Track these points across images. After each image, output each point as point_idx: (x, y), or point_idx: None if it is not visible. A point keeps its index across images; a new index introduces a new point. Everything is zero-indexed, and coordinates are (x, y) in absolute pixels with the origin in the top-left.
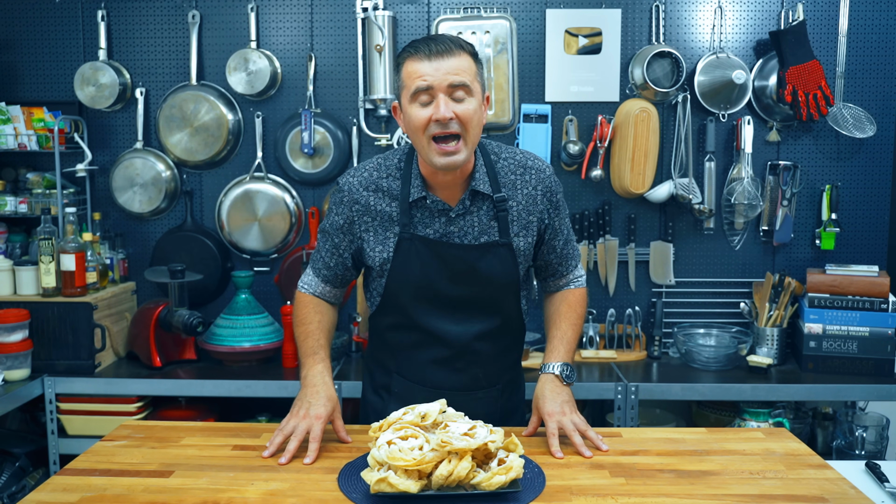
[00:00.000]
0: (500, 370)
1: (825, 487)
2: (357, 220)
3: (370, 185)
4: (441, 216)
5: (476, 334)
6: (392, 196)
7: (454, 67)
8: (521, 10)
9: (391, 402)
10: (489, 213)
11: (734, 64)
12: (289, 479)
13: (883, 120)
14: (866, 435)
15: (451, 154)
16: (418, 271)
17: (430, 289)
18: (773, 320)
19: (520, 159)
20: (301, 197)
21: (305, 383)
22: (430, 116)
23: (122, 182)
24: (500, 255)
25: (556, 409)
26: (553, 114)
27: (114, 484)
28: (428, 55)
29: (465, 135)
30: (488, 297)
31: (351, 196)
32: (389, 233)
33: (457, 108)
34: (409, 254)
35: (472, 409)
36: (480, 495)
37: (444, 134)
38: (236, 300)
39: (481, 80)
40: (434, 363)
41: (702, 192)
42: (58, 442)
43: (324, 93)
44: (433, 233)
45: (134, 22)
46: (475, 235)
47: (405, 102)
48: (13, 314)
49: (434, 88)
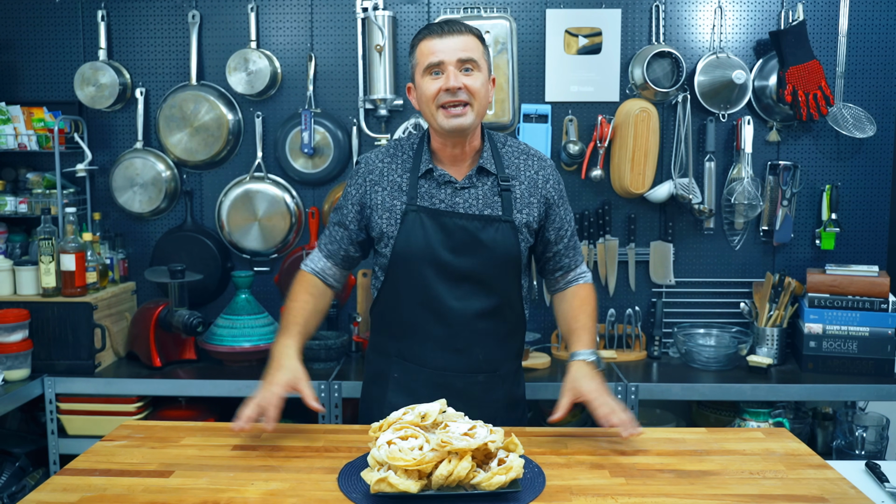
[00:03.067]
0: (500, 356)
1: (825, 487)
2: (369, 189)
3: (386, 157)
4: (447, 187)
5: (477, 311)
6: (404, 169)
7: (463, 44)
8: (521, 10)
9: (390, 391)
10: (493, 190)
11: (734, 64)
12: (289, 479)
13: (883, 120)
14: (866, 435)
15: (459, 116)
16: (422, 242)
17: (432, 260)
18: (773, 320)
19: (524, 148)
20: (301, 197)
21: (272, 357)
22: (441, 87)
23: (122, 182)
24: (502, 230)
25: (595, 387)
26: (553, 114)
27: (114, 484)
28: (440, 34)
29: (473, 103)
30: (490, 272)
31: (367, 167)
32: (397, 201)
33: (465, 80)
34: (413, 224)
35: (472, 393)
36: (480, 495)
37: (453, 102)
38: (236, 300)
39: (488, 60)
40: (435, 343)
41: (702, 192)
42: (58, 442)
43: (324, 93)
44: (438, 202)
45: (134, 22)
46: (479, 207)
47: (418, 78)
48: (13, 314)
49: (445, 63)
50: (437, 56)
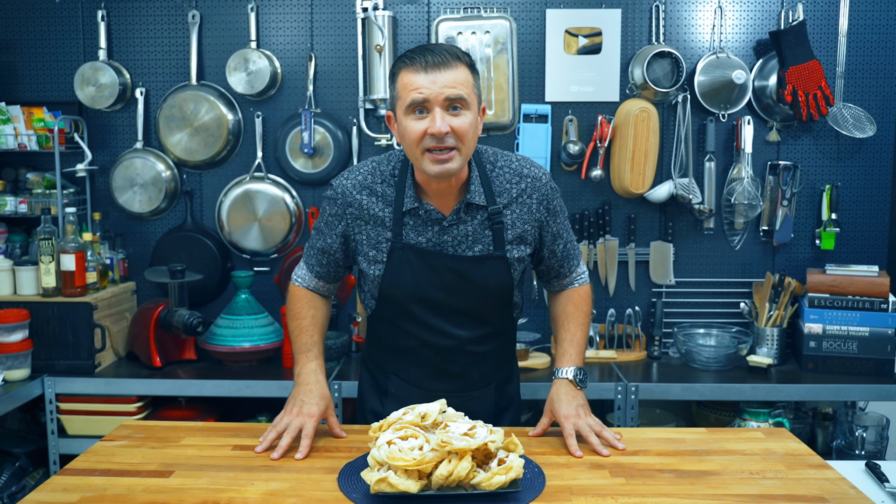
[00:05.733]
0: (493, 369)
1: (825, 487)
2: (351, 223)
3: (364, 188)
4: (434, 225)
5: (469, 340)
6: (386, 202)
7: (451, 80)
8: (521, 10)
9: (388, 403)
10: (483, 224)
11: (734, 64)
12: (289, 479)
13: (883, 120)
14: (866, 435)
15: (445, 162)
16: (410, 280)
17: (422, 297)
18: (773, 320)
19: (515, 167)
20: (301, 197)
21: (299, 381)
22: (426, 129)
23: (122, 182)
24: (494, 267)
25: (571, 412)
26: (553, 114)
27: (114, 484)
28: (424, 67)
29: (461, 147)
30: (481, 307)
31: (345, 199)
32: (382, 237)
33: (453, 122)
34: (401, 262)
35: (468, 408)
36: (480, 495)
37: (439, 147)
38: (236, 300)
39: (478, 91)
40: (428, 368)
41: (702, 192)
42: (58, 442)
43: (324, 93)
44: (426, 241)
45: (134, 22)
46: (469, 245)
47: (400, 114)
48: (13, 314)
49: (430, 102)
50: (422, 93)
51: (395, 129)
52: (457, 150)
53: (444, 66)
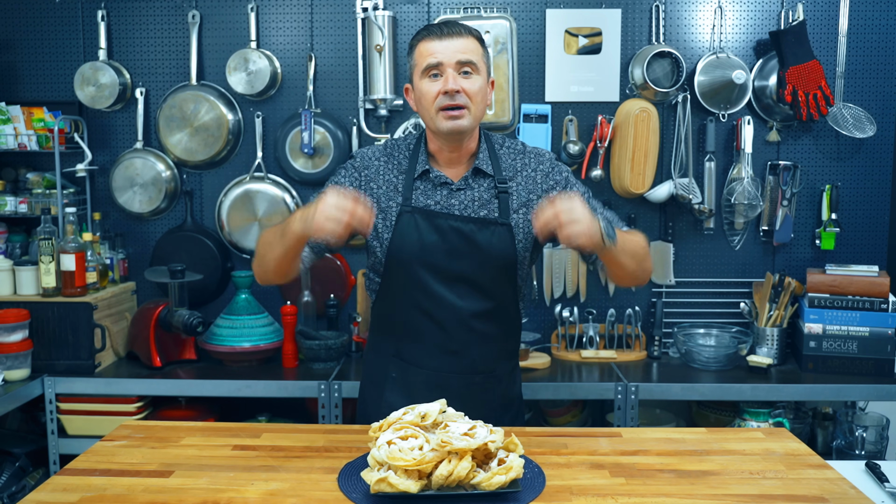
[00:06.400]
0: (495, 357)
1: (825, 487)
2: (364, 185)
3: (382, 156)
4: (443, 189)
5: (471, 313)
6: (400, 170)
7: (462, 46)
8: (521, 10)
9: (387, 391)
10: (490, 192)
11: (734, 64)
12: (289, 479)
13: (883, 120)
14: (866, 435)
15: (457, 119)
16: (416, 244)
17: (427, 262)
18: (773, 320)
19: (520, 147)
20: (301, 197)
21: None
22: (440, 89)
23: (122, 182)
24: (498, 233)
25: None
26: (553, 114)
27: (114, 484)
28: (439, 35)
29: (471, 106)
30: (485, 275)
31: (363, 161)
32: (392, 202)
33: (464, 84)
34: (408, 226)
35: (468, 394)
36: (480, 495)
37: (451, 105)
38: (236, 300)
39: (487, 63)
40: (430, 344)
41: (702, 192)
42: (58, 442)
43: (324, 93)
44: (434, 204)
45: (134, 22)
46: (475, 209)
47: (416, 79)
48: (13, 314)
49: (443, 64)
50: (436, 57)
51: (412, 98)
52: (467, 108)
53: (456, 35)
